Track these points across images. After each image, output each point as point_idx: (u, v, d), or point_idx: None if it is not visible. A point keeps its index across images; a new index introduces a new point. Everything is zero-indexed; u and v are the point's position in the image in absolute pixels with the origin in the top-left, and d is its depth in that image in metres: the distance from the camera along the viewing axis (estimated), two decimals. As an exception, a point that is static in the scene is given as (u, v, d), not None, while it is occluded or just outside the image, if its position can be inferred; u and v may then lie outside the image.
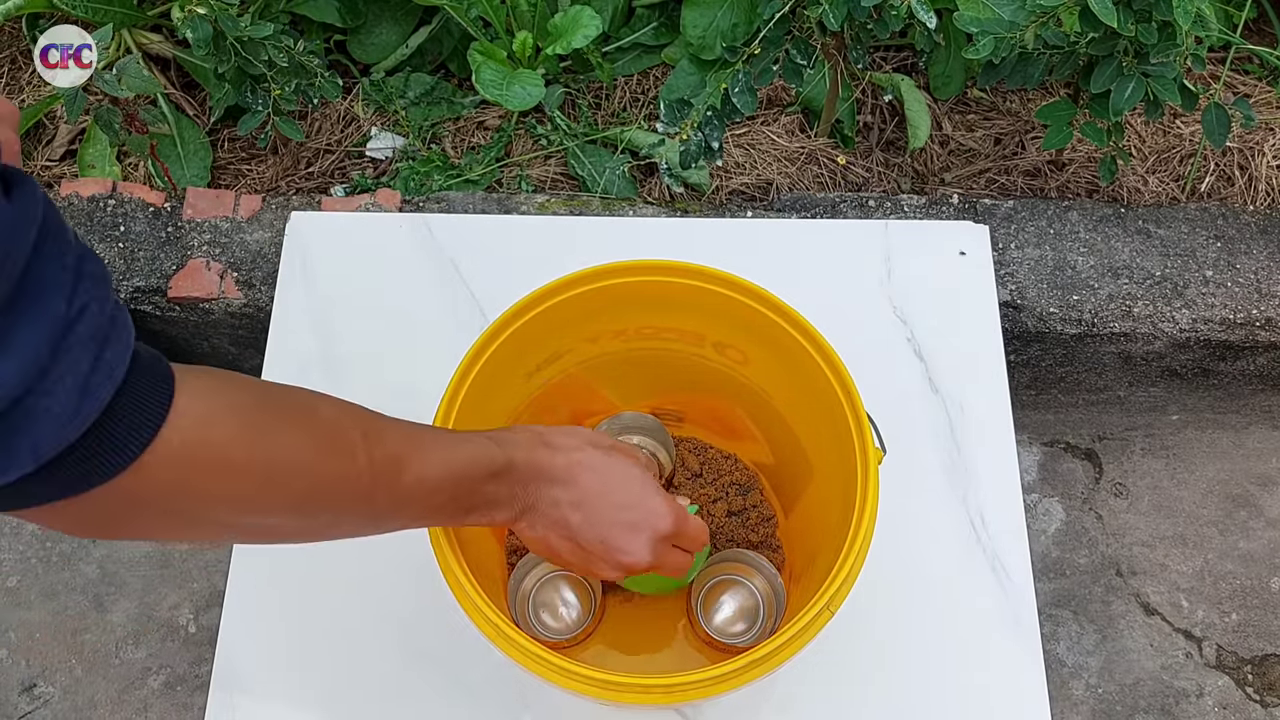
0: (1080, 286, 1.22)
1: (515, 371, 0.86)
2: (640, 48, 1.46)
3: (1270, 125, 1.38)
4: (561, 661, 0.68)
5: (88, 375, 0.40)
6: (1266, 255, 1.25)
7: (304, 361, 1.06)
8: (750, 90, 1.12)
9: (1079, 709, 1.35)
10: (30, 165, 1.39)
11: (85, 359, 0.40)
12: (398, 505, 0.57)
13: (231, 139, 1.41)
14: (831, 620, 0.70)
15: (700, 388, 0.96)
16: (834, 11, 1.05)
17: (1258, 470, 1.49)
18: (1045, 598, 1.40)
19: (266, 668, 0.92)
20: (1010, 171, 1.38)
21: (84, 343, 0.40)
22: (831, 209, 1.26)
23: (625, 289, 0.82)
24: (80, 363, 0.40)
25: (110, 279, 0.43)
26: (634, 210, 1.25)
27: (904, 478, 0.94)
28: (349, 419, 0.55)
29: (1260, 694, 1.36)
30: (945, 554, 0.97)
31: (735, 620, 0.93)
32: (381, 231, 1.14)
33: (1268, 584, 1.42)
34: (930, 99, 1.41)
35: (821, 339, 0.79)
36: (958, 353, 1.05)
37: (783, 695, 0.91)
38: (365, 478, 0.54)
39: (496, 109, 1.41)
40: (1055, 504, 1.47)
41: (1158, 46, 1.06)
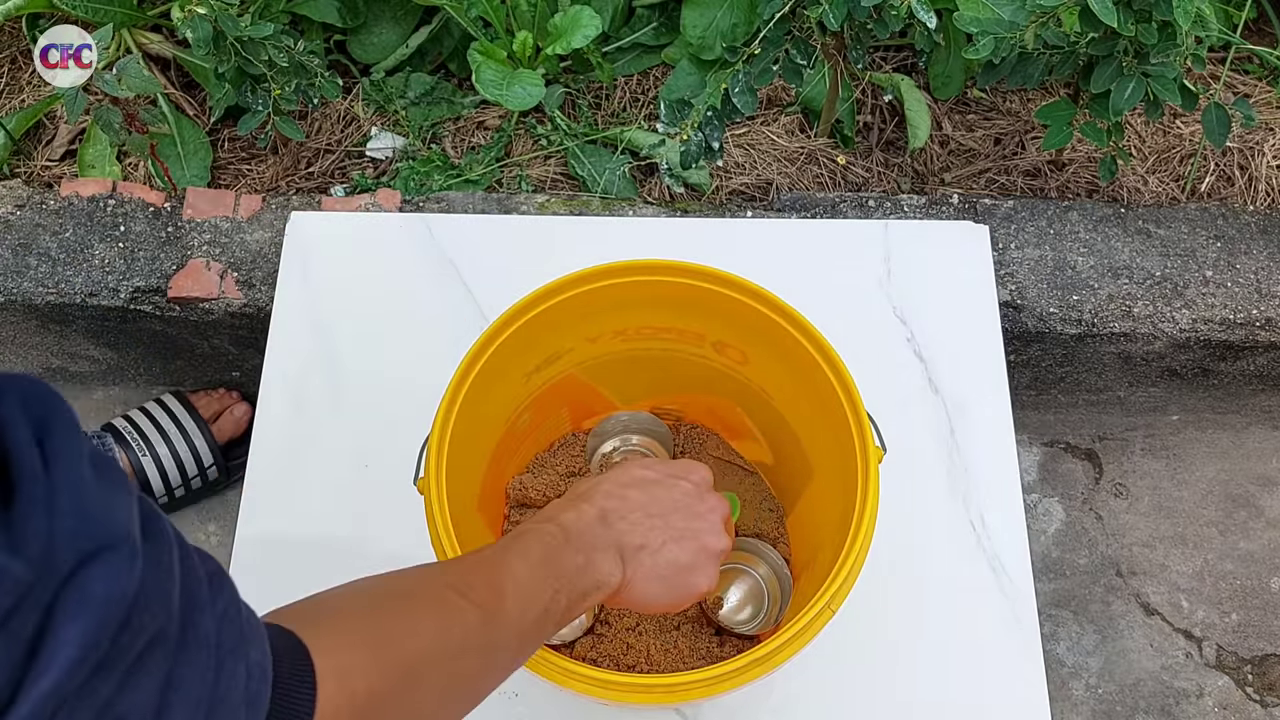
0: (1080, 286, 1.22)
1: (515, 371, 0.86)
2: (640, 48, 1.46)
3: (1270, 125, 1.38)
4: (562, 661, 0.68)
5: (246, 686, 0.39)
6: (1266, 255, 1.25)
7: (304, 361, 1.06)
8: (750, 90, 1.12)
9: (1079, 709, 1.35)
10: (30, 165, 1.39)
11: (241, 670, 0.38)
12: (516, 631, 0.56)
13: (231, 139, 1.41)
14: (832, 620, 0.70)
15: (700, 388, 0.96)
16: (834, 11, 1.05)
17: (1258, 470, 1.49)
18: (1045, 598, 1.40)
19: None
20: (1010, 171, 1.38)
21: (233, 653, 0.38)
22: (831, 209, 1.26)
23: (625, 289, 0.82)
24: (238, 677, 0.38)
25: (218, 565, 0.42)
26: (634, 210, 1.25)
27: (904, 478, 0.94)
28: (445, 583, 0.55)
29: (1260, 694, 1.36)
30: (945, 554, 0.97)
31: (741, 607, 0.94)
32: (381, 231, 1.14)
33: (1268, 584, 1.42)
34: (930, 99, 1.41)
35: (821, 339, 0.79)
36: (958, 353, 1.05)
37: (783, 695, 0.92)
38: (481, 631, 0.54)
39: (496, 109, 1.41)
40: (1055, 504, 1.47)
41: (1158, 46, 1.06)
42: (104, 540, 0.32)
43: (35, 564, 0.30)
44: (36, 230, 1.23)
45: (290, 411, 1.03)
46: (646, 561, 0.65)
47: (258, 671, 0.40)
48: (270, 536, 0.97)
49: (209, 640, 0.37)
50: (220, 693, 0.37)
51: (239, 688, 0.38)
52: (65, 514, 0.31)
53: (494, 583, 0.56)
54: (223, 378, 1.40)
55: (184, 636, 0.36)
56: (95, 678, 0.32)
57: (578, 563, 0.62)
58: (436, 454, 0.75)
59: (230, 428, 1.35)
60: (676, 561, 0.67)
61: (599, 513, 0.66)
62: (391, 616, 0.51)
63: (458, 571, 0.57)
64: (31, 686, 0.29)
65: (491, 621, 0.54)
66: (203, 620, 0.37)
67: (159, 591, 0.35)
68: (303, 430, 1.02)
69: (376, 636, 0.48)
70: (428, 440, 0.76)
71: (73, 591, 0.31)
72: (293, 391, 1.04)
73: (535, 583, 0.58)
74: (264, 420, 1.03)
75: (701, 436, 1.02)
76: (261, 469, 1.00)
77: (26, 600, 0.30)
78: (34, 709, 0.29)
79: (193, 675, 0.36)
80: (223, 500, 1.38)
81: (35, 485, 0.31)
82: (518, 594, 0.57)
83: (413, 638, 0.50)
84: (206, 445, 1.32)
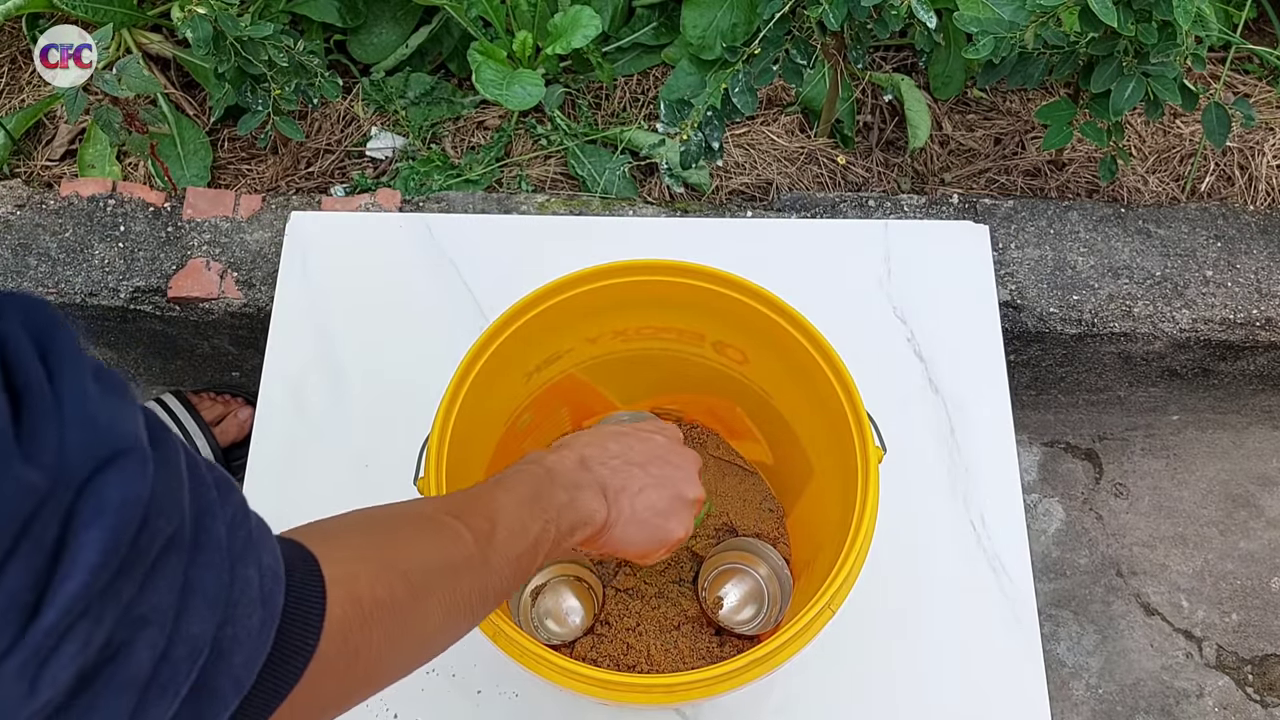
0: (1080, 286, 1.22)
1: (515, 371, 0.86)
2: (640, 48, 1.46)
3: (1270, 125, 1.38)
4: (562, 661, 0.68)
5: (260, 586, 0.39)
6: (1266, 255, 1.25)
7: (304, 361, 1.06)
8: (750, 90, 1.12)
9: (1079, 709, 1.35)
10: (30, 165, 1.39)
11: (254, 573, 0.39)
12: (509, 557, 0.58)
13: (231, 139, 1.41)
14: (832, 620, 0.70)
15: (700, 388, 0.96)
16: (834, 11, 1.05)
17: (1258, 470, 1.49)
18: (1045, 598, 1.40)
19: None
20: (1010, 171, 1.38)
21: (244, 555, 0.39)
22: (831, 209, 1.26)
23: (625, 289, 0.82)
24: (251, 579, 0.39)
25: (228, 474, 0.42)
26: (634, 210, 1.25)
27: (904, 478, 0.94)
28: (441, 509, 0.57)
29: (1260, 694, 1.36)
30: (945, 554, 0.97)
31: (741, 607, 0.94)
32: (381, 231, 1.14)
33: (1268, 584, 1.42)
34: (930, 99, 1.41)
35: (822, 339, 0.79)
36: (958, 353, 1.05)
37: (783, 695, 0.91)
38: (476, 553, 0.56)
39: (496, 109, 1.41)
40: (1055, 504, 1.47)
41: (1158, 46, 1.06)
42: (116, 446, 0.33)
43: (50, 472, 0.30)
44: (36, 230, 1.23)
45: (290, 411, 1.03)
46: (626, 505, 0.68)
47: (270, 574, 0.40)
48: (270, 536, 0.97)
49: (220, 543, 0.37)
50: (235, 593, 0.38)
51: (253, 588, 0.39)
52: (75, 423, 0.32)
53: (487, 513, 0.58)
54: (223, 378, 1.40)
55: (197, 539, 0.36)
56: (116, 581, 0.32)
57: (562, 500, 0.64)
58: (436, 454, 0.75)
59: (234, 431, 1.35)
60: (654, 506, 0.70)
61: (579, 458, 0.68)
62: (396, 535, 0.53)
63: (453, 502, 0.59)
64: (56, 591, 0.30)
65: (487, 546, 0.56)
66: (214, 525, 0.38)
67: (171, 496, 0.35)
68: (303, 430, 1.02)
69: (382, 551, 0.50)
70: (428, 440, 0.76)
71: (90, 498, 0.31)
72: (293, 391, 1.04)
73: (525, 515, 0.60)
74: (264, 420, 1.03)
75: (701, 436, 1.02)
76: (261, 469, 1.00)
77: (45, 507, 0.30)
78: (60, 614, 0.30)
79: (208, 576, 0.36)
80: (223, 500, 1.38)
81: (42, 398, 0.31)
82: (509, 524, 0.59)
83: (416, 554, 0.52)
84: (208, 445, 1.32)
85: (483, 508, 0.59)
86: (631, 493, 0.69)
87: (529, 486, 0.63)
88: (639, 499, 0.69)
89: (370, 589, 0.47)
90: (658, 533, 0.70)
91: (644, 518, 0.69)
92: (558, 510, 0.63)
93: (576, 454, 0.69)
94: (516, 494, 0.62)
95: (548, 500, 0.63)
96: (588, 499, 0.66)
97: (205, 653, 0.36)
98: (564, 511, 0.64)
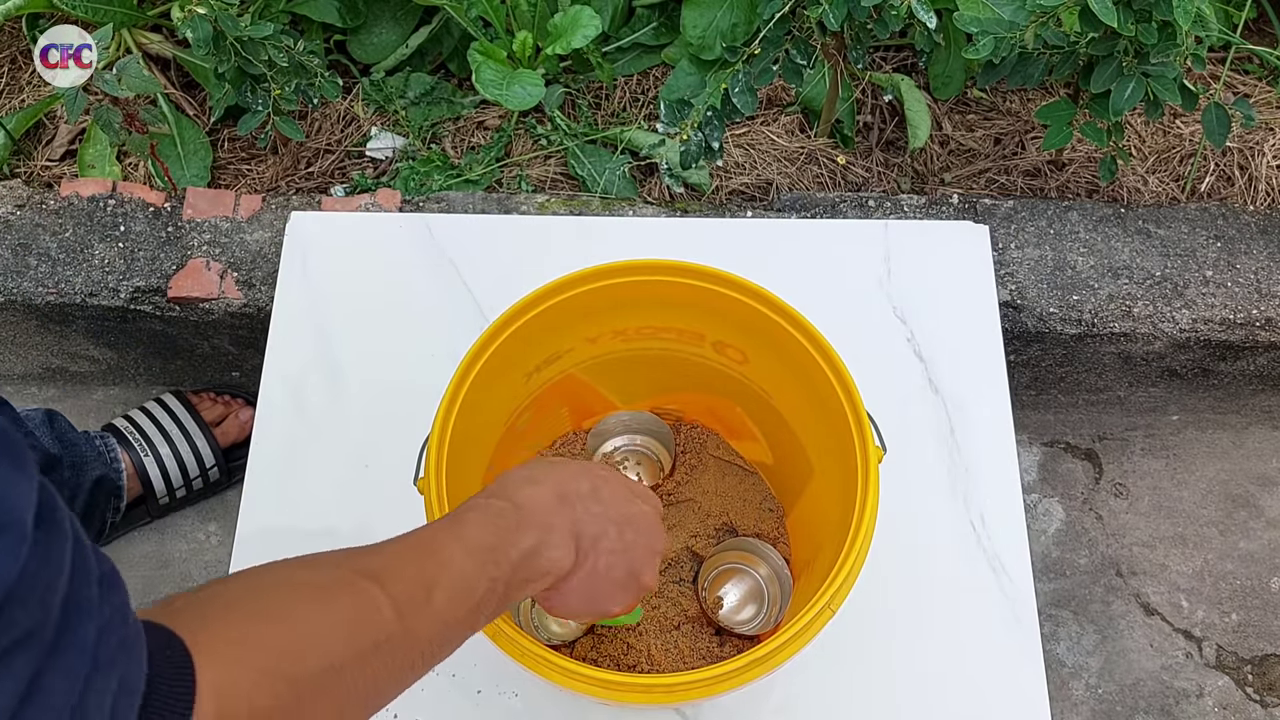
0: (1080, 286, 1.22)
1: (515, 371, 0.86)
2: (640, 48, 1.46)
3: (1270, 125, 1.38)
4: (562, 661, 0.68)
5: (113, 701, 0.36)
6: (1266, 255, 1.25)
7: (304, 361, 1.06)
8: (750, 90, 1.12)
9: (1079, 709, 1.35)
10: (30, 165, 1.39)
11: (112, 685, 0.36)
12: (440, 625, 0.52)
13: (231, 139, 1.41)
14: (832, 620, 0.70)
15: (700, 387, 0.96)
16: (834, 11, 1.05)
17: (1258, 470, 1.49)
18: (1045, 598, 1.40)
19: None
20: (1010, 171, 1.38)
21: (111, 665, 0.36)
22: (831, 209, 1.26)
23: (625, 289, 0.82)
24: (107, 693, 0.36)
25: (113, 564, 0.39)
26: (634, 210, 1.25)
27: (904, 478, 0.94)
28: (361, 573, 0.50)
29: (1260, 694, 1.36)
30: (945, 554, 0.97)
31: (741, 607, 0.94)
32: (381, 231, 1.14)
33: (1268, 584, 1.42)
34: (930, 99, 1.41)
35: (821, 339, 0.79)
36: (958, 353, 1.05)
37: (783, 695, 0.91)
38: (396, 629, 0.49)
39: (496, 109, 1.41)
40: (1055, 504, 1.47)
41: (1158, 46, 1.06)
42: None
43: None
44: (36, 230, 1.23)
45: (290, 411, 1.03)
46: (591, 562, 0.62)
47: (127, 690, 0.37)
48: (270, 536, 0.97)
49: (86, 648, 0.35)
50: (86, 706, 0.35)
51: (105, 704, 0.36)
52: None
53: (423, 573, 0.52)
54: (223, 378, 1.40)
55: (59, 640, 0.34)
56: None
57: (526, 545, 0.58)
58: (436, 454, 0.75)
59: (235, 431, 1.35)
60: (611, 574, 0.64)
61: (559, 493, 0.62)
62: (290, 621, 0.46)
63: (382, 560, 0.52)
64: None
65: (412, 618, 0.50)
66: (84, 626, 0.35)
67: (41, 586, 0.33)
68: (303, 430, 1.02)
69: (269, 646, 0.45)
70: (428, 440, 0.76)
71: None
72: (293, 391, 1.04)
73: (473, 570, 0.54)
74: (264, 420, 1.03)
75: (701, 436, 1.02)
76: (261, 469, 1.00)
77: None
78: None
79: (59, 684, 0.34)
80: (223, 500, 1.38)
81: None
82: (450, 584, 0.52)
83: (311, 647, 0.46)
84: (208, 445, 1.32)
85: (420, 566, 0.52)
86: (600, 551, 0.63)
87: (489, 531, 0.56)
88: (603, 560, 0.63)
89: (248, 701, 0.42)
90: (598, 605, 0.65)
91: (597, 583, 0.63)
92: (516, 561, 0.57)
93: (556, 488, 0.62)
94: (469, 541, 0.55)
95: (508, 548, 0.57)
96: (556, 546, 0.59)
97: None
98: (525, 561, 0.57)
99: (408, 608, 0.50)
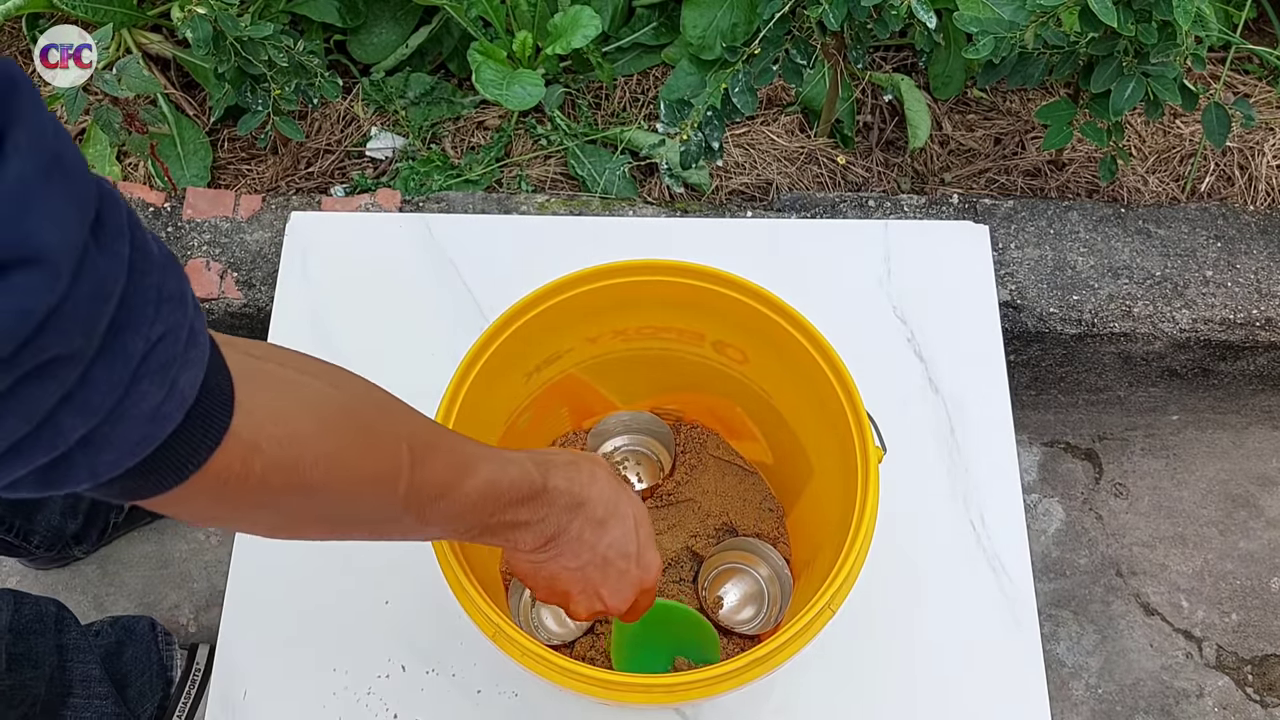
0: (1080, 286, 1.22)
1: (515, 371, 0.86)
2: (640, 48, 1.46)
3: (1270, 125, 1.38)
4: (562, 661, 0.68)
5: (159, 405, 0.39)
6: (1266, 255, 1.25)
7: (304, 361, 1.05)
8: (750, 90, 1.12)
9: (1079, 709, 1.35)
10: (30, 165, 1.39)
11: (158, 391, 0.39)
12: (423, 522, 0.56)
13: (231, 139, 1.41)
14: (832, 620, 0.70)
15: (700, 387, 0.96)
16: (834, 11, 1.05)
17: (1258, 470, 1.49)
18: (1045, 598, 1.40)
19: (266, 667, 0.92)
20: (1010, 171, 1.38)
21: (157, 373, 0.38)
22: (831, 209, 1.26)
23: (625, 289, 0.82)
24: (150, 396, 0.38)
25: (187, 289, 0.41)
26: (634, 210, 1.25)
27: (904, 478, 0.94)
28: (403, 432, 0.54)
29: (1260, 694, 1.36)
30: (945, 554, 0.97)
31: (741, 607, 0.94)
32: (381, 231, 1.14)
33: (1268, 584, 1.42)
34: (930, 99, 1.41)
35: (821, 339, 0.79)
36: (958, 353, 1.05)
37: (783, 695, 0.91)
38: (398, 504, 0.54)
39: (496, 109, 1.41)
40: (1055, 504, 1.47)
41: (1158, 46, 1.06)
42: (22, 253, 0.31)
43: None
44: (36, 230, 1.23)
45: (290, 411, 1.03)
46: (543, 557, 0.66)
47: (178, 396, 0.40)
48: (270, 536, 0.97)
49: (130, 359, 0.37)
50: (125, 406, 0.37)
51: (150, 403, 0.38)
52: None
53: (447, 475, 0.56)
54: (223, 378, 1.40)
55: (101, 352, 0.36)
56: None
57: (522, 518, 0.62)
58: (436, 454, 0.74)
59: None
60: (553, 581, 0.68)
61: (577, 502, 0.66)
62: (335, 441, 0.50)
63: (430, 436, 0.56)
64: None
65: (413, 505, 0.54)
66: (131, 341, 0.37)
67: (83, 315, 0.34)
68: (303, 430, 1.02)
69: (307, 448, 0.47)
70: (428, 440, 0.76)
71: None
72: (293, 391, 1.04)
73: (479, 504, 0.58)
74: (264, 420, 1.03)
75: (701, 436, 1.02)
76: (261, 469, 1.00)
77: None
78: None
79: (98, 387, 0.36)
80: (223, 500, 1.38)
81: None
82: (456, 501, 0.56)
83: (335, 471, 0.49)
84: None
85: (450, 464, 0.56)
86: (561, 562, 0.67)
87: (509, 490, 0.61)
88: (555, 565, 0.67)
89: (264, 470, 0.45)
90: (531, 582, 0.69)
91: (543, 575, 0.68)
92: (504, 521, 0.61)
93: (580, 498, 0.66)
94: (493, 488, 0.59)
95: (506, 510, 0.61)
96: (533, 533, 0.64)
97: (70, 443, 0.36)
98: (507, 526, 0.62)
99: (414, 496, 0.54)
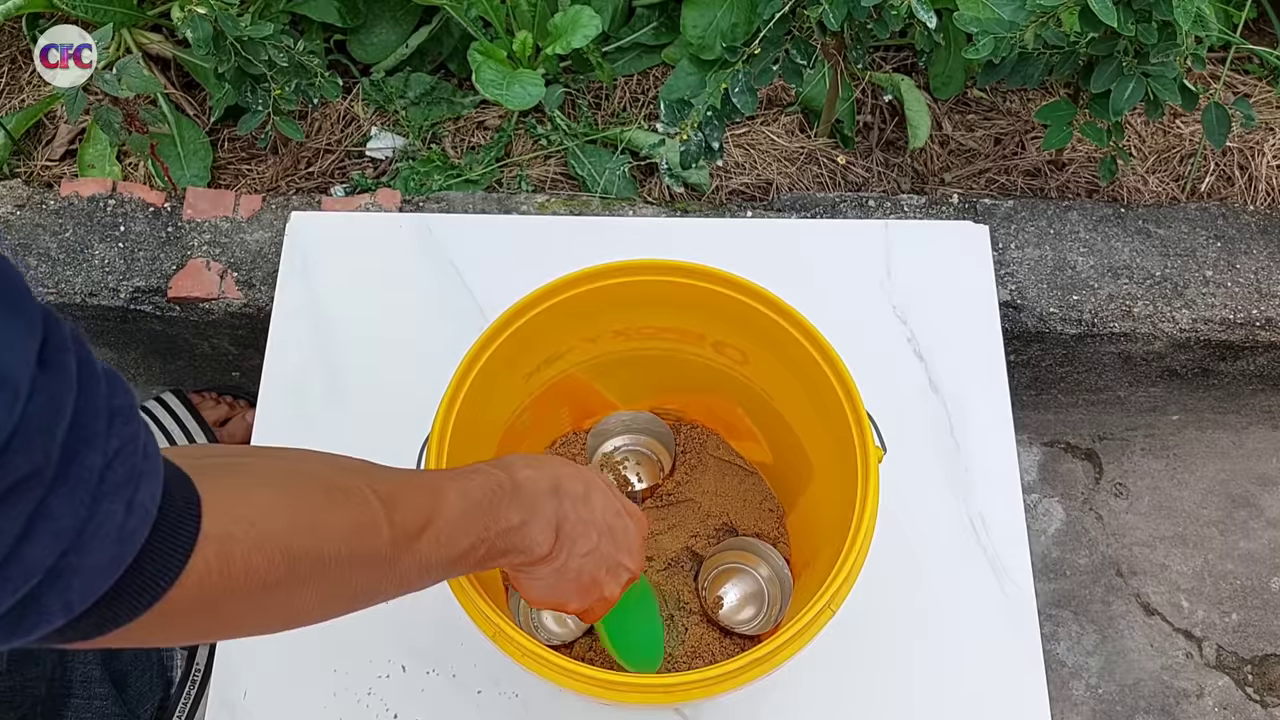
0: (1080, 286, 1.22)
1: (515, 371, 0.86)
2: (640, 48, 1.46)
3: (1270, 125, 1.38)
4: (562, 661, 0.68)
5: (123, 523, 0.38)
6: (1266, 255, 1.25)
7: (304, 361, 1.06)
8: (750, 90, 1.12)
9: (1079, 709, 1.35)
10: (30, 165, 1.39)
11: (120, 508, 0.38)
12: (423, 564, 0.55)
13: (231, 139, 1.41)
14: (832, 620, 0.70)
15: (700, 387, 0.96)
16: (834, 11, 1.05)
17: (1258, 470, 1.49)
18: (1045, 598, 1.40)
19: (266, 667, 0.92)
20: (1010, 171, 1.38)
21: (118, 490, 0.38)
22: (831, 209, 1.26)
23: (625, 289, 0.82)
24: (115, 514, 0.38)
25: (133, 401, 0.40)
26: (634, 210, 1.25)
27: (904, 478, 0.94)
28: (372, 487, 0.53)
29: (1260, 694, 1.36)
30: (945, 554, 0.97)
31: (741, 607, 0.94)
32: (381, 231, 1.14)
33: (1268, 584, 1.42)
34: (930, 99, 1.41)
35: (821, 339, 0.79)
36: (958, 353, 1.05)
37: (783, 695, 0.92)
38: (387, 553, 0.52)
39: (496, 109, 1.41)
40: (1055, 504, 1.47)
41: (1158, 46, 1.06)
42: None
43: None
44: (36, 230, 1.24)
45: (290, 411, 1.03)
46: (565, 555, 0.65)
47: (140, 511, 0.39)
48: (270, 536, 0.97)
49: (90, 477, 0.37)
50: (92, 526, 0.37)
51: (113, 524, 0.38)
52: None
53: (423, 511, 0.55)
54: (223, 378, 1.40)
55: (62, 472, 0.36)
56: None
57: (513, 521, 0.61)
58: (436, 454, 0.75)
59: (242, 433, 1.35)
60: (579, 577, 0.67)
61: (554, 484, 0.65)
62: (302, 503, 0.48)
63: (395, 485, 0.55)
64: None
65: (404, 549, 0.53)
66: (89, 457, 0.37)
67: (40, 432, 0.34)
68: (303, 430, 1.02)
69: (277, 518, 0.46)
70: (428, 440, 0.76)
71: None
72: (293, 392, 1.04)
73: (464, 524, 0.57)
74: (264, 420, 1.03)
75: (701, 436, 1.02)
76: (261, 469, 1.00)
77: None
78: None
79: (64, 506, 0.36)
80: (223, 500, 1.38)
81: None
82: (440, 530, 0.55)
83: (314, 534, 0.48)
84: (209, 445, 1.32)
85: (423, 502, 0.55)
86: (578, 551, 0.66)
87: (486, 495, 0.59)
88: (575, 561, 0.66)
89: (245, 557, 0.44)
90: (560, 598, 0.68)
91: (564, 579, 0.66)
92: (503, 530, 0.60)
93: (552, 480, 0.65)
94: (468, 499, 0.58)
95: (496, 516, 0.60)
96: (539, 530, 0.63)
97: (39, 576, 0.36)
98: (510, 533, 0.61)
99: (402, 537, 0.53)
